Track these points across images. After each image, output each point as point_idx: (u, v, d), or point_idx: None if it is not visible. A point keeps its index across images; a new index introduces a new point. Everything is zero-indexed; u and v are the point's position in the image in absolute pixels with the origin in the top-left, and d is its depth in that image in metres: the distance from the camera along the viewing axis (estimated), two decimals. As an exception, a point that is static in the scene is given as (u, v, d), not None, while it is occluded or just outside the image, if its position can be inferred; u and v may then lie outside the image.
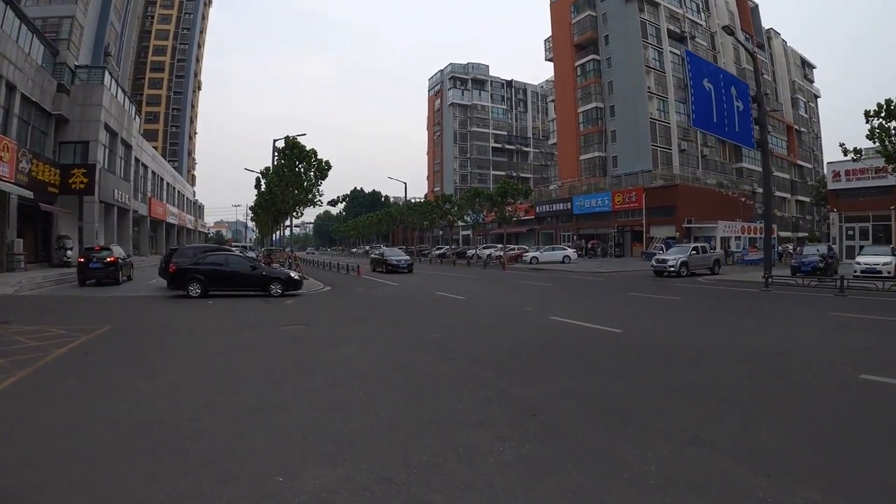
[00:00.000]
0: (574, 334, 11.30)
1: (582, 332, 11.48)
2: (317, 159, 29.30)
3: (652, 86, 64.79)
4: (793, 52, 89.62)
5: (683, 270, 30.34)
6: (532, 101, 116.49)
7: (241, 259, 20.48)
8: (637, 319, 13.62)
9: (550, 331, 11.78)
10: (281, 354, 9.30)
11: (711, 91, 26.69)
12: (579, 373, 7.87)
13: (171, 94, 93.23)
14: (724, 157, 71.42)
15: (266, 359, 8.94)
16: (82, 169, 34.89)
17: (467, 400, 6.37)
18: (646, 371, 7.99)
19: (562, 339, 10.71)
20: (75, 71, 37.88)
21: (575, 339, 10.67)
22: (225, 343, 10.54)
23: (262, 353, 9.43)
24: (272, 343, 10.48)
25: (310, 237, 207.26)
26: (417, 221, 73.10)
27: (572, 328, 12.04)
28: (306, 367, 8.25)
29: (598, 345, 10.10)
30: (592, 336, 11.04)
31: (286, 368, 8.20)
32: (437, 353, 9.25)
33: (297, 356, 9.15)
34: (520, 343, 10.25)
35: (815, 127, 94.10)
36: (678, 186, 54.80)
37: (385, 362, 8.59)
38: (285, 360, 8.83)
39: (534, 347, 9.85)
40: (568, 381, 7.35)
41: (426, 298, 19.79)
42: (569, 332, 11.64)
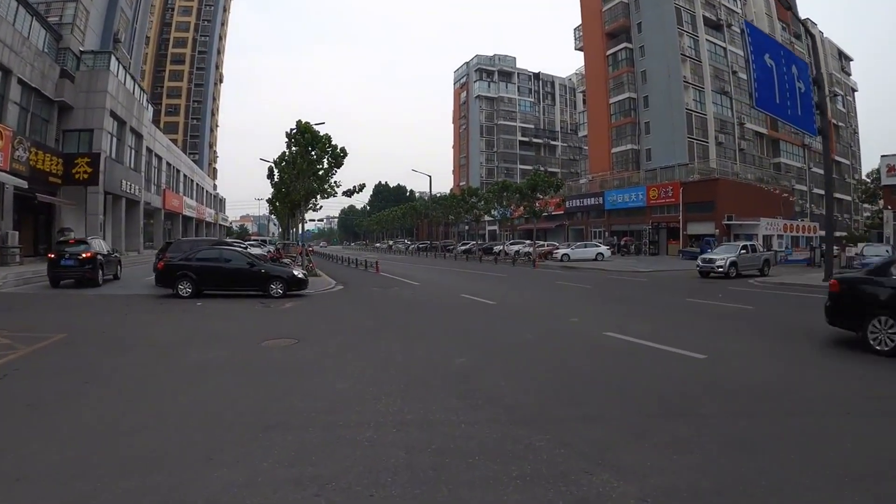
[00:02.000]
0: (645, 362, 8.49)
1: (654, 359, 8.68)
2: (331, 145, 26.80)
3: (688, 75, 61.66)
4: (829, 43, 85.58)
5: (732, 271, 27.50)
6: (560, 94, 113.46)
7: (238, 255, 17.97)
8: (716, 339, 10.65)
9: (612, 355, 9.04)
10: (238, 394, 6.62)
11: (773, 69, 23.68)
12: (688, 440, 5.12)
13: (191, 87, 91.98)
14: (762, 152, 68.19)
15: (212, 402, 6.27)
16: (86, 158, 33.29)
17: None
18: (781, 435, 5.28)
19: (634, 372, 7.90)
20: (80, 57, 36.07)
21: (650, 372, 7.84)
22: (180, 367, 8.05)
23: (215, 390, 6.83)
24: (239, 370, 7.89)
25: (334, 231, 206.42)
26: (442, 216, 70.70)
27: (639, 351, 9.27)
28: (260, 426, 5.40)
29: (689, 383, 7.31)
30: (671, 366, 8.23)
31: (230, 426, 5.44)
32: (461, 394, 6.53)
33: (259, 398, 6.42)
34: (576, 377, 7.59)
35: (853, 122, 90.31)
36: (717, 181, 51.54)
37: (382, 414, 5.79)
38: (238, 406, 6.11)
39: (600, 386, 7.12)
40: (679, 460, 4.64)
41: (450, 303, 17.15)
42: (637, 357, 8.85)
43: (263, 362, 8.42)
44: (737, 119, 65.00)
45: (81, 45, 36.82)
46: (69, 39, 35.42)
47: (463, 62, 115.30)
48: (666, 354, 8.92)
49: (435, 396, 6.41)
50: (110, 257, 21.83)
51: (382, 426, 5.37)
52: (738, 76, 65.58)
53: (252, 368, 7.99)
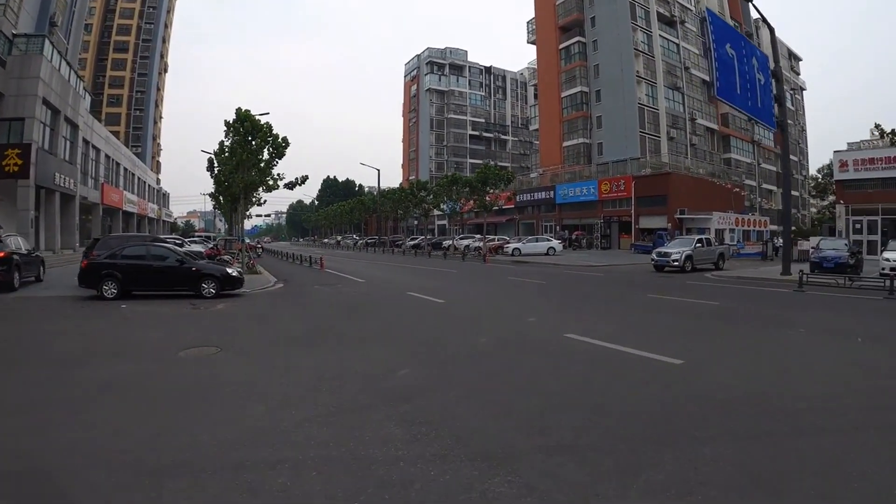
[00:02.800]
0: (617, 371, 7.58)
1: (626, 366, 7.79)
2: (272, 135, 25.56)
3: (640, 70, 61.87)
4: (780, 43, 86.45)
5: (688, 265, 27.25)
6: (511, 88, 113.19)
7: (166, 252, 16.60)
8: (688, 340, 9.91)
9: (579, 363, 8.07)
10: (134, 422, 5.51)
11: (734, 59, 23.42)
12: (687, 478, 4.15)
13: (135, 76, 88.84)
14: (712, 147, 69.12)
15: (100, 436, 5.14)
16: (16, 150, 31.14)
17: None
18: (801, 466, 4.42)
19: (607, 384, 6.92)
20: (13, 40, 33.89)
21: (625, 383, 6.92)
22: (75, 388, 6.81)
23: (106, 418, 5.67)
24: (144, 390, 6.74)
25: (282, 227, 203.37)
26: (391, 210, 69.62)
27: (608, 357, 8.39)
28: (149, 468, 4.35)
29: (672, 395, 6.40)
30: (647, 374, 7.33)
31: (110, 469, 4.36)
32: (402, 419, 5.49)
33: (157, 428, 5.31)
34: (541, 392, 6.55)
35: (801, 119, 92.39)
36: (670, 175, 51.67)
37: (303, 448, 4.74)
38: (129, 439, 5.03)
39: (569, 404, 6.09)
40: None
41: (395, 302, 16.17)
42: (607, 365, 7.93)
43: (174, 379, 7.29)
44: (689, 114, 65.58)
45: (14, 27, 34.58)
46: (1, 21, 33.28)
47: (414, 55, 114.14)
48: (638, 360, 8.08)
49: (370, 422, 5.38)
50: (30, 257, 19.62)
51: (301, 466, 4.33)
52: (690, 72, 66.33)
53: (159, 387, 6.84)
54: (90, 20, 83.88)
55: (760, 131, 75.36)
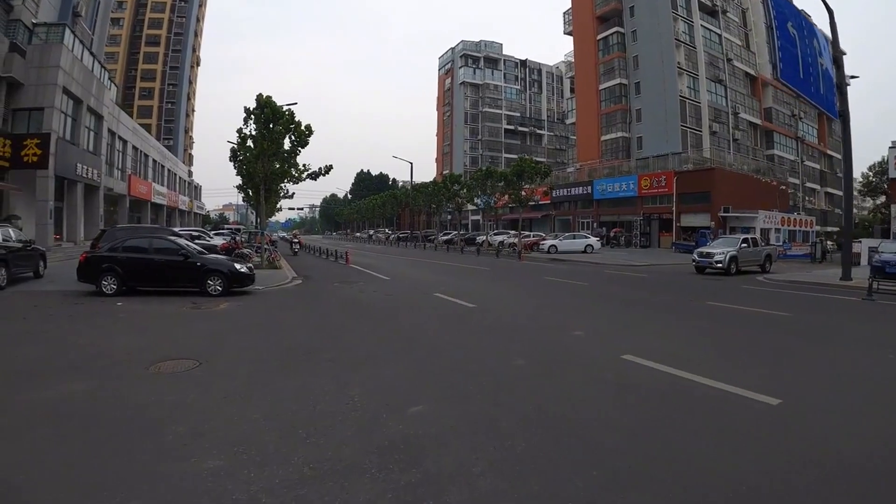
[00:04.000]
0: (699, 415, 5.67)
1: (708, 407, 5.90)
2: (294, 122, 23.99)
3: (682, 61, 59.21)
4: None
5: (732, 267, 24.94)
6: (547, 81, 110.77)
7: (170, 245, 15.22)
8: (771, 364, 7.91)
9: (644, 401, 6.09)
10: (48, 470, 4.08)
11: (796, 39, 21.21)
12: None
13: (166, 70, 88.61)
14: (755, 143, 66.14)
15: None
16: (36, 139, 30.40)
17: None
18: None
19: (688, 439, 5.02)
20: (33, 30, 33.11)
21: (718, 436, 5.08)
22: (9, 413, 5.36)
23: (20, 461, 4.23)
24: (86, 419, 5.26)
25: (316, 220, 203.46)
26: (424, 204, 67.97)
27: (682, 391, 6.44)
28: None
29: (786, 460, 4.54)
30: (742, 421, 5.46)
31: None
32: (402, 494, 3.83)
33: (70, 486, 3.88)
34: (602, 449, 4.76)
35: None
36: (714, 170, 48.91)
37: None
38: None
39: (646, 470, 4.29)
40: None
41: (420, 305, 14.26)
42: (683, 404, 5.98)
43: (130, 403, 5.68)
44: (731, 108, 62.80)
45: (35, 17, 33.80)
46: (20, 10, 32.37)
47: (448, 48, 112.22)
48: (721, 398, 6.18)
49: (357, 501, 3.71)
50: (24, 251, 17.56)
51: None
52: (732, 64, 63.61)
53: (106, 416, 5.31)
54: (121, 14, 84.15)
55: (804, 127, 72.32)
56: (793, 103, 71.06)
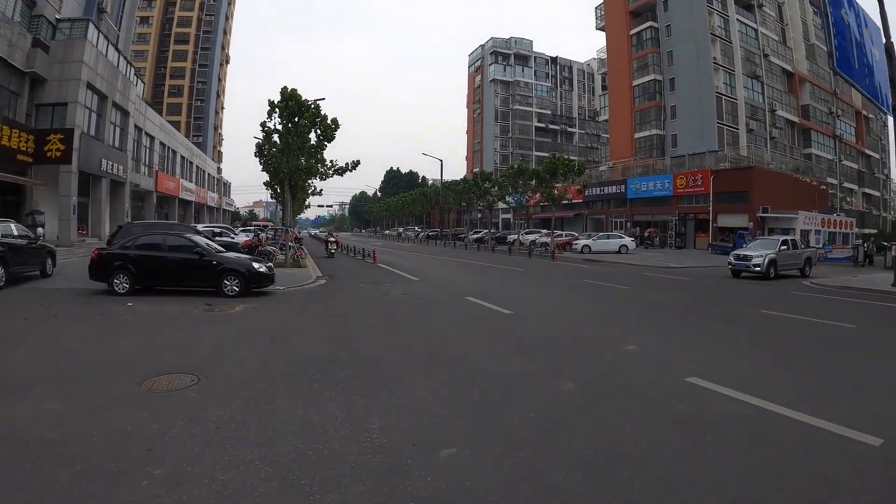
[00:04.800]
0: (794, 455, 4.64)
1: (818, 456, 4.66)
2: (321, 116, 23.06)
3: (718, 56, 57.47)
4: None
5: (771, 271, 23.34)
6: (578, 79, 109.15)
7: (185, 243, 14.36)
8: (864, 394, 6.57)
9: (728, 442, 4.96)
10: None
11: (850, 26, 19.71)
12: None
13: (195, 68, 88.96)
14: (792, 141, 63.98)
15: None
16: (59, 135, 30.15)
17: None
18: None
19: (797, 488, 4.02)
20: (56, 25, 32.80)
21: (822, 489, 4.04)
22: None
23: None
24: (43, 451, 4.29)
25: (346, 218, 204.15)
26: (454, 202, 66.91)
27: (775, 431, 5.23)
28: None
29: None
30: (847, 468, 4.35)
31: None
32: None
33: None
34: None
35: (883, 114, 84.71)
36: (752, 169, 47.10)
37: None
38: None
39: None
40: None
41: (450, 311, 13.08)
42: (779, 450, 4.75)
43: (105, 432, 4.73)
44: (768, 105, 60.79)
45: (58, 12, 33.51)
46: (44, 6, 32.12)
47: (478, 45, 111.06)
48: (815, 437, 5.01)
49: None
50: (30, 248, 16.36)
51: None
52: (769, 60, 61.65)
53: (71, 450, 4.36)
54: (150, 13, 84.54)
55: (842, 125, 69.85)
56: (830, 100, 68.89)
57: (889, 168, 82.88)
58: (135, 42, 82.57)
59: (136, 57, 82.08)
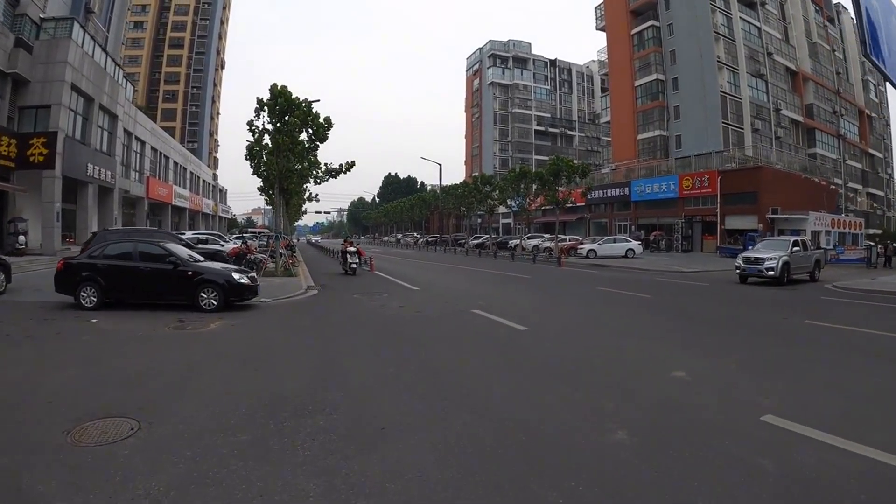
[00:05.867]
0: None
1: None
2: (312, 114, 21.61)
3: (721, 55, 56.24)
4: (855, 31, 79.37)
5: (785, 275, 21.45)
6: (577, 81, 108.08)
7: (158, 251, 12.88)
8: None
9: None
10: None
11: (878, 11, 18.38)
12: None
13: (190, 72, 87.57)
14: (797, 141, 62.75)
15: None
16: (41, 138, 28.82)
17: None
18: None
19: None
20: (41, 25, 31.55)
21: None
22: None
23: None
24: None
25: (344, 224, 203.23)
26: (454, 207, 65.47)
27: None
28: None
29: None
30: None
31: None
32: None
33: None
34: None
35: (886, 112, 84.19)
36: (761, 169, 45.78)
37: None
38: None
39: None
40: None
41: (455, 328, 11.22)
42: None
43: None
44: (773, 104, 59.51)
45: (43, 11, 32.24)
46: (27, 5, 30.87)
47: (476, 48, 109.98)
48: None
49: None
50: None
51: None
52: (773, 58, 60.45)
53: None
54: (144, 17, 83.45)
55: (846, 125, 68.84)
56: (834, 99, 67.95)
57: (892, 167, 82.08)
58: (129, 47, 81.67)
59: (131, 62, 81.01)
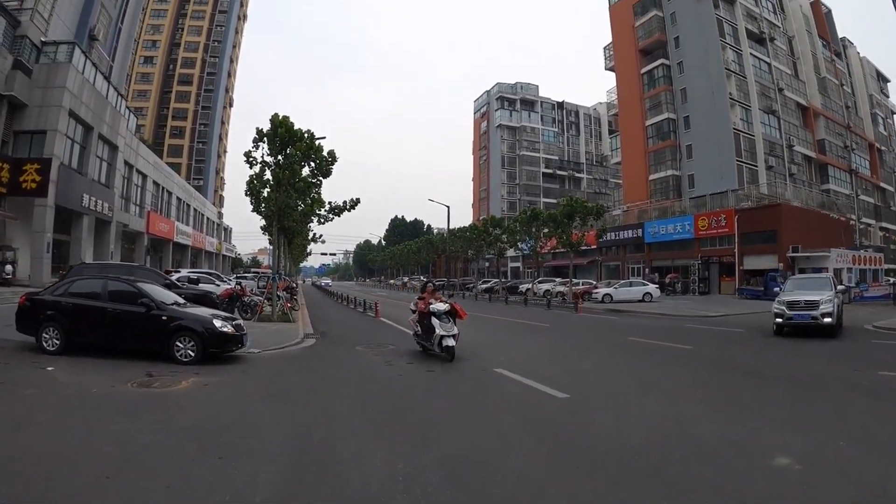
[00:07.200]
0: None
1: None
2: (315, 147, 20.10)
3: (733, 92, 55.49)
4: (867, 62, 79.79)
5: (840, 322, 17.50)
6: (585, 123, 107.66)
7: (130, 290, 11.12)
8: None
9: None
10: None
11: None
12: None
13: (198, 109, 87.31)
14: (810, 177, 61.68)
15: None
16: (35, 164, 27.73)
17: None
18: None
19: None
20: (41, 48, 30.73)
21: None
22: None
23: None
24: None
25: (350, 266, 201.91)
26: (461, 250, 63.94)
27: None
28: None
29: None
30: None
31: None
32: None
33: None
34: None
35: (895, 145, 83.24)
36: (780, 206, 44.37)
37: None
38: None
39: None
40: None
41: (478, 395, 8.87)
42: None
43: None
44: (786, 141, 58.43)
45: (44, 35, 31.44)
46: (28, 27, 30.09)
47: (484, 91, 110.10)
48: None
49: None
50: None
51: None
52: (784, 94, 59.69)
53: None
54: (154, 52, 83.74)
55: (857, 159, 67.76)
56: (844, 134, 67.29)
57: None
58: (138, 81, 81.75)
59: (140, 96, 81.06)
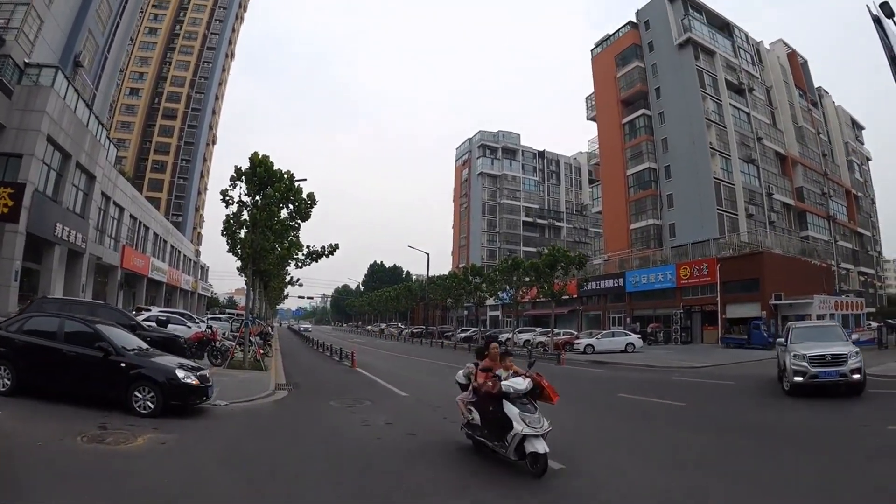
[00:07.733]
0: None
1: None
2: (294, 188, 19.58)
3: (714, 141, 56.11)
4: (842, 111, 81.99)
5: None
6: (565, 173, 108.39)
7: (86, 331, 10.29)
8: None
9: None
10: None
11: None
12: None
13: (181, 144, 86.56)
14: (789, 224, 62.34)
15: None
16: (8, 188, 26.55)
17: None
18: None
19: None
20: (24, 69, 29.87)
21: None
22: None
23: None
24: None
25: (327, 311, 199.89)
26: (440, 298, 63.47)
27: None
28: None
29: None
30: None
31: None
32: None
33: None
34: None
35: (871, 191, 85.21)
36: (762, 255, 44.67)
37: None
38: None
39: None
40: None
41: (468, 466, 7.99)
42: None
43: None
44: (765, 189, 59.13)
45: (28, 56, 30.67)
46: (12, 46, 29.31)
47: (466, 138, 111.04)
48: None
49: None
50: None
51: None
52: (763, 143, 60.60)
53: None
54: (141, 85, 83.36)
55: (835, 205, 68.92)
56: (822, 181, 68.45)
57: (881, 244, 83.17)
58: (122, 113, 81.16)
59: (123, 127, 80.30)
